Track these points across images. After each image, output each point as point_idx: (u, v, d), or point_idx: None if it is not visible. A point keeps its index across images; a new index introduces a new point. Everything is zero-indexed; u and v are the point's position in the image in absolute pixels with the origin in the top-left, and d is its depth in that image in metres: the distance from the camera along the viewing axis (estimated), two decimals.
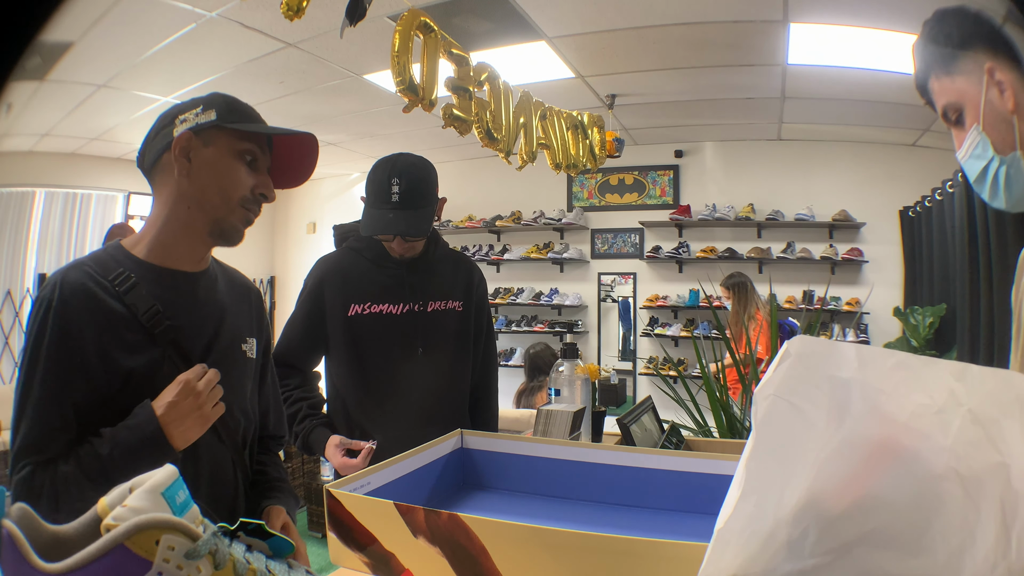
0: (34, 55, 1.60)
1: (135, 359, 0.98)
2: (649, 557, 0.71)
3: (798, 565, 0.50)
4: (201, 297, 1.09)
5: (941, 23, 0.87)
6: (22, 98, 3.81)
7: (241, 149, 1.04)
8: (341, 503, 0.87)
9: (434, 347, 1.65)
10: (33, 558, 0.47)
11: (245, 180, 1.04)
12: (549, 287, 5.93)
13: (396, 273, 1.65)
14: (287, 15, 1.67)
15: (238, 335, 1.14)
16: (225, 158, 1.03)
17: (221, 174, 1.03)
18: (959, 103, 0.86)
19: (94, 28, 3.00)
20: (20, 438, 0.94)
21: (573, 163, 3.31)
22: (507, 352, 5.99)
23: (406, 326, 1.63)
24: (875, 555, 0.50)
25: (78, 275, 0.98)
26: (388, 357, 1.61)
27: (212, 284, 1.12)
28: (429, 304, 1.66)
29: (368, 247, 1.67)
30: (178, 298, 1.05)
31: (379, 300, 1.62)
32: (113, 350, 0.97)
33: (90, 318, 0.97)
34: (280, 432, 1.30)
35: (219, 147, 1.03)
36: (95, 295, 0.98)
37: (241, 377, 1.14)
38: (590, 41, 3.47)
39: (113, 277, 1.00)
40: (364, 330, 1.61)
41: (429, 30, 2.06)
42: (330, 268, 1.67)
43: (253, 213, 1.07)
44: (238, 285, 1.21)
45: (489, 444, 1.25)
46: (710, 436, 2.01)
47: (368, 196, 1.59)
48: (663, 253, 5.51)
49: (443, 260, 1.74)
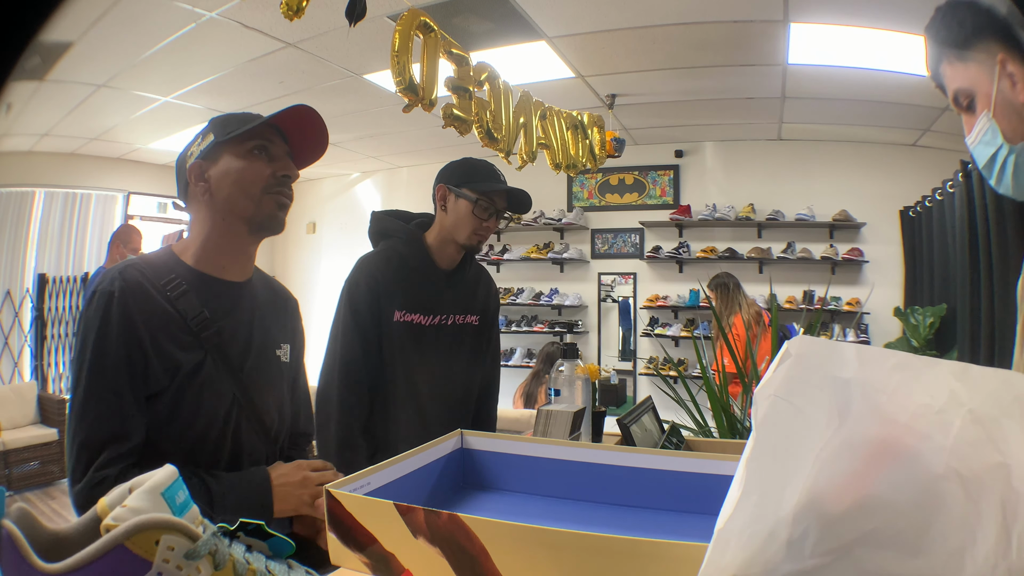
0: (34, 55, 1.60)
1: (184, 355, 1.05)
2: (649, 557, 0.71)
3: (798, 565, 0.50)
4: (244, 305, 1.17)
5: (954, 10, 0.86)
6: (22, 98, 3.81)
7: (247, 148, 1.10)
8: (341, 503, 0.87)
9: (450, 360, 1.66)
10: (33, 558, 0.47)
11: (261, 170, 1.10)
12: (549, 287, 5.92)
13: (437, 284, 1.64)
14: (287, 15, 1.67)
15: (274, 341, 1.22)
16: (235, 162, 1.10)
17: (237, 176, 1.09)
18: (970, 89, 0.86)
19: (94, 28, 3.00)
20: (87, 426, 0.98)
21: (573, 163, 3.31)
22: (507, 352, 5.99)
23: (430, 337, 1.63)
24: (875, 555, 0.50)
25: (135, 273, 1.05)
26: (409, 367, 1.61)
27: (254, 293, 1.21)
28: (452, 318, 1.66)
29: (415, 253, 1.64)
30: (223, 305, 1.13)
31: (415, 309, 1.61)
32: (167, 344, 1.04)
33: (147, 313, 1.03)
34: (308, 430, 1.38)
35: (227, 157, 1.10)
36: (150, 293, 1.05)
37: (276, 379, 1.21)
38: (590, 41, 3.47)
39: (165, 282, 1.07)
40: (397, 337, 1.60)
41: (429, 30, 2.06)
42: (381, 268, 1.62)
43: (284, 196, 1.12)
44: (277, 295, 1.30)
45: (489, 444, 1.25)
46: (710, 436, 2.01)
47: (466, 175, 1.64)
48: (663, 253, 5.51)
49: (473, 275, 1.75)
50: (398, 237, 1.67)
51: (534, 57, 3.63)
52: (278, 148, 1.13)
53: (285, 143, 1.15)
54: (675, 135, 5.41)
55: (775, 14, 3.03)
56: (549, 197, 5.92)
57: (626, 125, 5.03)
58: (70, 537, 0.53)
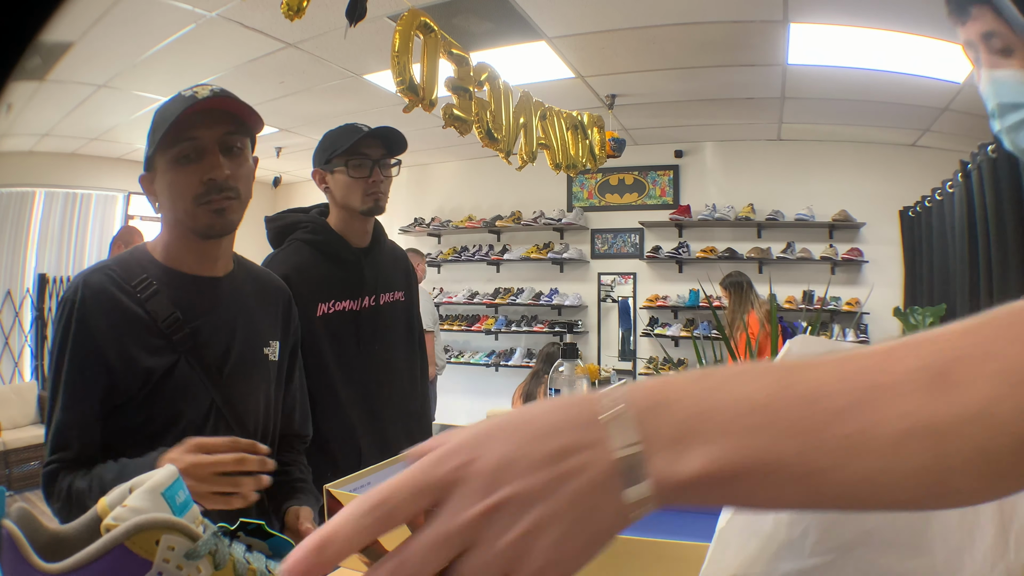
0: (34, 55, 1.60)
1: (154, 360, 1.02)
2: (649, 557, 0.71)
3: (798, 565, 0.50)
4: (223, 302, 1.11)
5: None
6: (22, 98, 3.81)
7: (171, 158, 1.03)
8: (341, 503, 0.87)
9: (390, 341, 1.60)
10: (33, 558, 0.47)
11: (188, 180, 1.03)
12: (549, 287, 5.92)
13: (354, 265, 1.56)
14: (287, 15, 1.67)
15: (260, 339, 1.16)
16: (166, 175, 1.04)
17: (169, 190, 1.05)
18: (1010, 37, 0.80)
19: (94, 28, 3.00)
20: (50, 433, 1.00)
21: (573, 163, 3.31)
22: (507, 352, 5.99)
23: (365, 322, 1.56)
24: (875, 555, 0.50)
25: (100, 278, 1.02)
26: (351, 355, 1.53)
27: (236, 288, 1.15)
28: (382, 297, 1.59)
29: (326, 237, 1.53)
30: (201, 303, 1.08)
31: (342, 296, 1.52)
32: (133, 350, 1.00)
33: (110, 319, 1.00)
34: (305, 431, 1.30)
35: (160, 169, 1.05)
36: (116, 298, 1.01)
37: (263, 381, 1.15)
38: (590, 41, 3.47)
39: (136, 283, 1.03)
40: (331, 330, 1.50)
41: (429, 30, 2.07)
42: (290, 267, 1.47)
43: (216, 202, 1.03)
44: (266, 287, 1.23)
45: None
46: None
47: (329, 147, 1.52)
48: (663, 253, 5.51)
49: (387, 251, 1.67)
50: (301, 228, 1.55)
51: (534, 57, 3.63)
52: (206, 149, 1.02)
53: (211, 139, 1.03)
54: (675, 135, 5.40)
55: (775, 14, 3.03)
56: (549, 197, 5.92)
57: (626, 125, 5.03)
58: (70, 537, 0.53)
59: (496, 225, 6.01)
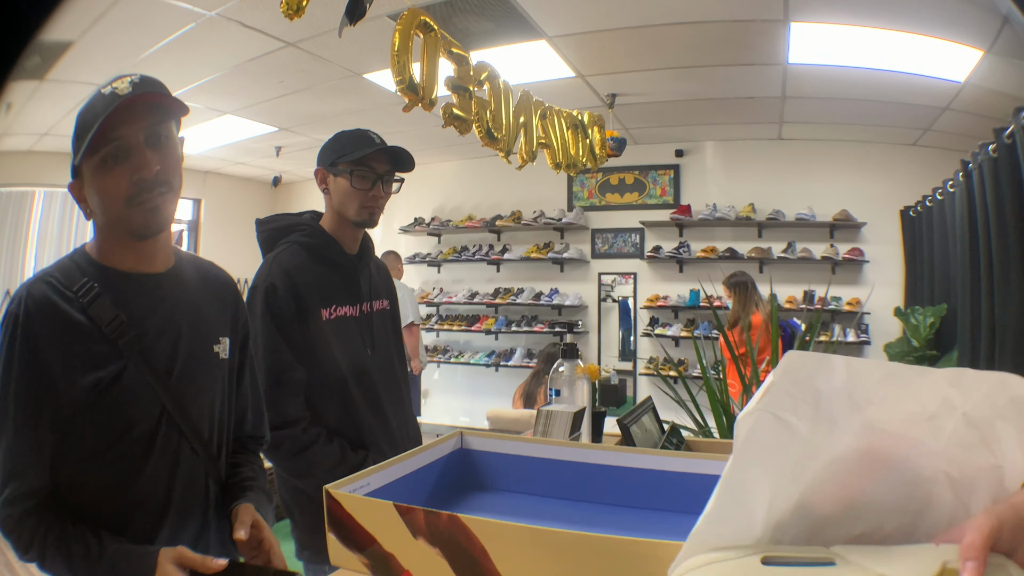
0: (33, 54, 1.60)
1: (100, 371, 0.97)
2: (649, 558, 0.71)
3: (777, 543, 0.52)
4: (166, 299, 1.06)
5: None
6: (22, 98, 3.81)
7: (96, 162, 0.98)
8: (340, 504, 0.87)
9: (386, 348, 1.62)
10: None
11: (118, 183, 0.98)
12: (549, 287, 5.92)
13: (349, 272, 1.56)
14: (287, 14, 1.67)
15: (209, 336, 1.11)
16: (95, 181, 0.99)
17: (98, 194, 1.00)
18: None
19: (94, 28, 3.00)
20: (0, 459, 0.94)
21: (573, 163, 3.31)
22: (507, 352, 5.99)
23: (361, 327, 1.56)
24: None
25: (42, 288, 0.97)
26: (360, 358, 1.53)
27: (179, 283, 1.10)
28: (374, 304, 1.61)
29: (323, 242, 1.53)
30: (144, 303, 1.03)
31: (342, 301, 1.53)
32: (79, 364, 0.96)
33: (55, 333, 0.96)
34: (260, 433, 1.25)
35: (86, 175, 1.00)
36: (59, 308, 0.97)
37: (214, 380, 1.11)
38: (590, 40, 3.47)
39: (77, 288, 0.98)
40: (334, 335, 1.49)
41: (429, 29, 2.06)
42: (293, 267, 1.47)
43: (149, 201, 0.99)
44: (213, 281, 1.17)
45: (489, 445, 1.25)
46: (710, 437, 2.01)
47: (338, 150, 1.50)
48: (663, 253, 5.51)
49: (373, 260, 1.68)
50: (298, 231, 1.54)
51: (534, 56, 3.63)
52: (132, 147, 0.98)
53: (136, 136, 0.99)
54: (675, 135, 5.40)
55: (775, 14, 3.03)
56: (549, 197, 5.92)
57: (626, 125, 5.03)
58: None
59: (496, 225, 6.01)
